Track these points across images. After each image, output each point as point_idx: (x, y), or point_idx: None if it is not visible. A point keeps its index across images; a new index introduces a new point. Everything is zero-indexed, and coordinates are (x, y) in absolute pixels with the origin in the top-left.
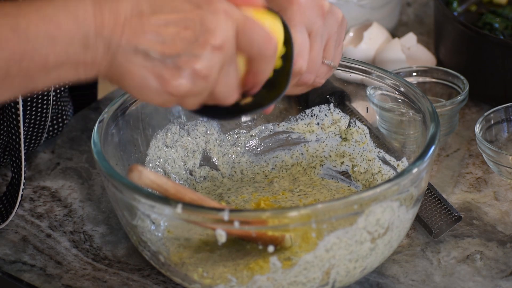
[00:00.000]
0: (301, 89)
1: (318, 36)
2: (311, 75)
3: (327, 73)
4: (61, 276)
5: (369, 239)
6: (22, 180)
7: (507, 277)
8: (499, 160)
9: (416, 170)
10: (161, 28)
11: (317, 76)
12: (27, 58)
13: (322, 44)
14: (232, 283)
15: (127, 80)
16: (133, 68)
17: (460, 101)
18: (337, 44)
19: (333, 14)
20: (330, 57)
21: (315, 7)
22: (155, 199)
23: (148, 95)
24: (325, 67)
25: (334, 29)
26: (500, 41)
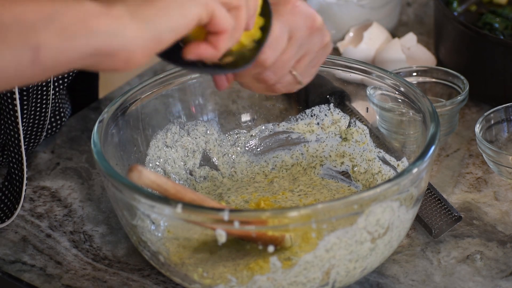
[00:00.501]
0: (260, 87)
1: (296, 43)
2: (274, 76)
3: (291, 84)
4: (61, 276)
5: (369, 239)
6: (24, 177)
7: (507, 277)
8: (499, 160)
9: (416, 170)
10: None
11: (280, 81)
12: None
13: (297, 53)
14: (232, 283)
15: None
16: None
17: (460, 101)
18: (313, 64)
19: (321, 35)
20: (300, 71)
21: (307, 17)
22: (155, 199)
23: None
24: (290, 77)
25: (315, 47)
26: (500, 41)
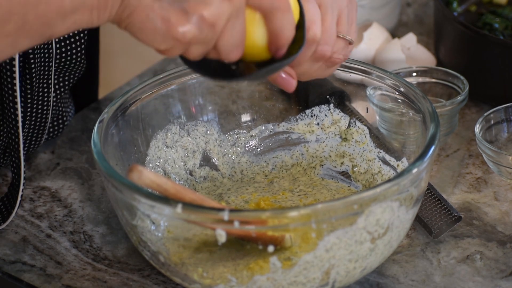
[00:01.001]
0: (320, 68)
1: (328, 7)
2: (327, 46)
3: (345, 48)
4: (61, 276)
5: (369, 239)
6: (21, 181)
7: (507, 277)
8: (499, 160)
9: (416, 170)
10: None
11: (334, 51)
12: (42, 2)
13: (334, 16)
14: (232, 283)
15: (134, 22)
16: (142, 10)
17: (460, 101)
18: (350, 21)
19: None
20: (344, 32)
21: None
22: (155, 199)
23: (153, 39)
24: (341, 41)
25: (343, 4)
26: (500, 41)
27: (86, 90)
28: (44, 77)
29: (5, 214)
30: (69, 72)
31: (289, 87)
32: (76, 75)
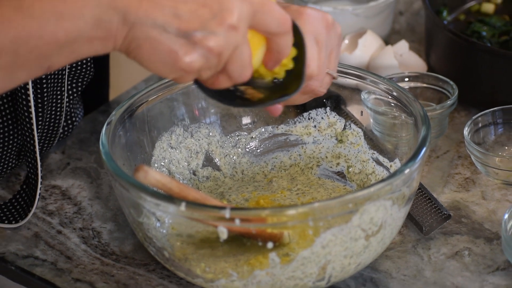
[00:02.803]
0: (305, 98)
1: (324, 46)
2: (318, 82)
3: (328, 83)
4: (71, 271)
5: (363, 236)
6: (39, 181)
7: (493, 272)
8: (487, 161)
9: (408, 170)
10: (179, 3)
11: (322, 84)
12: (34, 37)
13: (327, 54)
14: (233, 277)
15: (142, 54)
16: (149, 42)
17: (450, 105)
18: (337, 56)
19: (335, 29)
20: (332, 68)
21: (322, 19)
22: (160, 197)
23: (161, 69)
24: (328, 77)
25: (335, 42)
26: (487, 48)
27: (97, 94)
28: (57, 83)
29: (21, 212)
30: (82, 77)
31: (276, 112)
32: (86, 79)
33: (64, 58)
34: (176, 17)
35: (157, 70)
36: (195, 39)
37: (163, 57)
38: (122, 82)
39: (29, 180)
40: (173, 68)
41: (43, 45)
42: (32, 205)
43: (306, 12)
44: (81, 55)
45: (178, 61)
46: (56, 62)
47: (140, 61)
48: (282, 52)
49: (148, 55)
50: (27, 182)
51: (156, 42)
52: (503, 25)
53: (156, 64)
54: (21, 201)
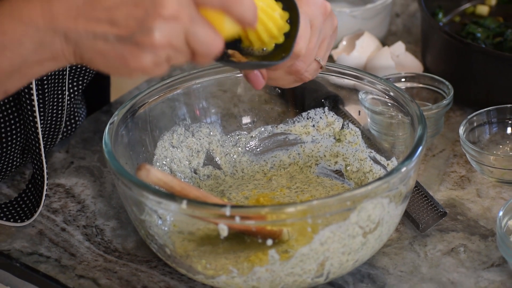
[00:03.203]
0: (289, 79)
1: (317, 30)
2: (304, 64)
3: (316, 71)
4: (74, 267)
5: (361, 233)
6: (45, 182)
7: (488, 268)
8: (482, 159)
9: (404, 169)
10: (113, 10)
11: (307, 69)
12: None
13: (319, 39)
14: (233, 274)
15: (98, 64)
16: (98, 53)
17: (445, 105)
18: (328, 48)
19: (332, 19)
20: (321, 56)
21: (320, 5)
22: (162, 195)
23: (121, 73)
24: (315, 64)
25: (329, 32)
26: (482, 49)
27: (99, 94)
28: (59, 82)
29: (27, 212)
30: (82, 75)
31: (257, 84)
32: (87, 78)
33: (17, 82)
34: (113, 24)
35: (118, 74)
36: (137, 40)
37: (116, 64)
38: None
39: (35, 179)
40: (130, 70)
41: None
42: (38, 205)
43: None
44: (35, 76)
45: (130, 64)
46: (11, 87)
47: (100, 70)
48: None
49: (103, 64)
50: (33, 182)
51: (104, 52)
52: (497, 27)
53: (114, 70)
54: (27, 200)
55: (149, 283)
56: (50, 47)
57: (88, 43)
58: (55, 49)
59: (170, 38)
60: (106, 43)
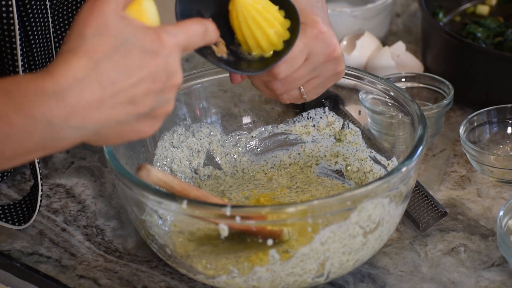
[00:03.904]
0: (267, 92)
1: (311, 66)
2: (281, 87)
3: (296, 98)
4: (75, 267)
5: (361, 233)
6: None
7: (488, 268)
8: (482, 159)
9: (405, 169)
10: (132, 89)
11: (286, 93)
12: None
13: (309, 74)
14: (233, 274)
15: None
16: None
17: (446, 105)
18: (321, 86)
19: (336, 64)
20: (307, 90)
21: (328, 46)
22: (162, 195)
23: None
24: (298, 93)
25: (327, 73)
26: (482, 49)
27: None
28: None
29: (27, 215)
30: None
31: (233, 79)
32: None
33: (17, 163)
34: (132, 104)
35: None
36: (155, 113)
37: (130, 138)
38: None
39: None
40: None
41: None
42: (34, 210)
43: (320, 29)
44: (35, 157)
45: (145, 135)
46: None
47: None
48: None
49: (115, 141)
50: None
51: (122, 132)
52: (498, 27)
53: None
54: (29, 203)
55: (149, 283)
56: (60, 141)
57: (110, 130)
58: (66, 142)
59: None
60: (127, 124)
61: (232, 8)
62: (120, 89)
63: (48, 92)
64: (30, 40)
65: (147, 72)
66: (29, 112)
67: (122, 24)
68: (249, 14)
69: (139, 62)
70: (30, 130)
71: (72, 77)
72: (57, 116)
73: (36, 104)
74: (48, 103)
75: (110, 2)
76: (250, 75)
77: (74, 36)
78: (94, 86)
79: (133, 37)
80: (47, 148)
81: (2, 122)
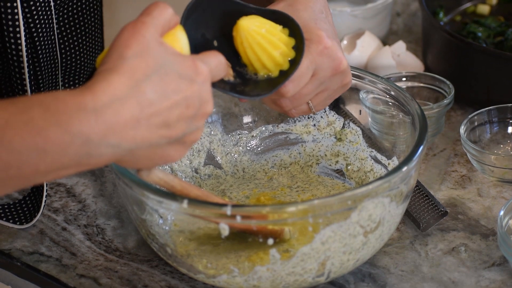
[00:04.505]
0: (275, 107)
1: (318, 81)
2: (290, 104)
3: (305, 112)
4: (75, 267)
5: (361, 233)
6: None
7: (489, 267)
8: (482, 159)
9: (405, 168)
10: (167, 113)
11: (295, 108)
12: (13, 168)
13: (317, 89)
14: (234, 273)
15: (137, 164)
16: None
17: (446, 104)
18: (329, 98)
19: (343, 76)
20: (315, 103)
21: (334, 60)
22: (162, 195)
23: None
24: (306, 107)
25: (334, 86)
26: (483, 48)
27: None
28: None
29: (28, 215)
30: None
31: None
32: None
33: (51, 178)
34: (166, 127)
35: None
36: (185, 140)
37: (159, 162)
38: None
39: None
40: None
41: (23, 174)
42: (38, 210)
43: (325, 44)
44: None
45: (173, 160)
46: (40, 182)
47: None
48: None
49: (145, 164)
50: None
51: (153, 155)
52: (498, 26)
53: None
54: (29, 203)
55: (150, 282)
56: (96, 158)
57: (143, 151)
58: (101, 159)
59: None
60: (159, 147)
61: (236, 34)
62: (157, 111)
63: (87, 108)
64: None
65: (182, 97)
66: (67, 127)
67: (161, 49)
68: (254, 40)
69: (176, 86)
70: (67, 145)
71: (112, 95)
72: (95, 133)
73: (75, 120)
74: (87, 119)
75: (151, 27)
76: (259, 99)
77: (114, 57)
78: (133, 105)
79: (171, 62)
80: (82, 164)
81: (39, 136)
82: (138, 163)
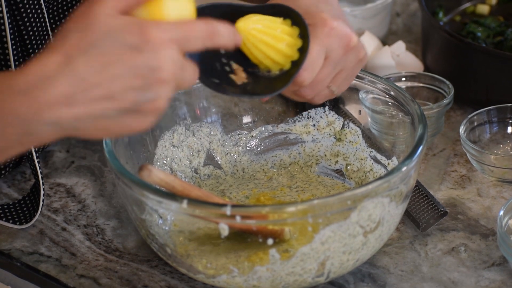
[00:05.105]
0: (297, 98)
1: (332, 63)
2: (311, 92)
3: (328, 96)
4: (75, 267)
5: (361, 233)
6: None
7: (489, 267)
8: (482, 159)
9: (405, 168)
10: (109, 86)
11: (317, 95)
12: None
13: (334, 71)
14: (234, 273)
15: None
16: (99, 129)
17: (446, 104)
18: (348, 77)
19: (356, 52)
20: (335, 85)
21: (343, 38)
22: (162, 195)
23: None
24: (328, 91)
25: (351, 64)
26: (482, 48)
27: None
28: None
29: (27, 215)
30: None
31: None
32: None
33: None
34: (108, 99)
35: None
36: (140, 108)
37: (119, 132)
38: None
39: (36, 183)
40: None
41: None
42: (36, 210)
43: (330, 25)
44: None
45: (135, 129)
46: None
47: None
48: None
49: (104, 135)
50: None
51: (107, 127)
52: (498, 26)
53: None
54: (29, 203)
55: (149, 282)
56: (36, 136)
57: (88, 125)
58: (43, 136)
59: (170, 96)
60: (108, 119)
61: None
62: (92, 85)
63: (18, 89)
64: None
65: (126, 67)
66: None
67: (109, 21)
68: (255, 38)
69: (116, 58)
70: (4, 126)
71: (41, 74)
72: (28, 112)
73: (7, 101)
74: (18, 100)
75: (105, 4)
76: (276, 94)
77: (58, 36)
78: (62, 83)
79: (116, 33)
80: (24, 143)
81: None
82: (93, 135)
